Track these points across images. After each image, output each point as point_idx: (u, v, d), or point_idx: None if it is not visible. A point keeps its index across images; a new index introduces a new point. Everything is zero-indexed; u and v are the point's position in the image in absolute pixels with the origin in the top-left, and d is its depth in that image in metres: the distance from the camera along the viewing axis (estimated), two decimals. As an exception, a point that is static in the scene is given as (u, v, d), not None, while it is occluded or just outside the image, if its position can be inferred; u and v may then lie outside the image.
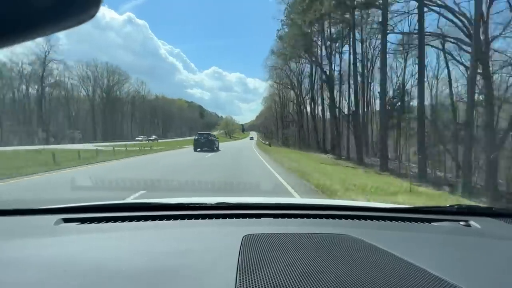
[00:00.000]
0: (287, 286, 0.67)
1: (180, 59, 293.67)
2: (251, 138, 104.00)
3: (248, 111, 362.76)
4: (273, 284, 0.67)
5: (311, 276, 0.71)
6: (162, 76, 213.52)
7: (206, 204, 1.36)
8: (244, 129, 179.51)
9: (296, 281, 0.69)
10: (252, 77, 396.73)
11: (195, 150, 21.48)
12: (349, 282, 0.68)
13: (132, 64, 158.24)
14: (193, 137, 24.64)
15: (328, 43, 30.47)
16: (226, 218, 1.24)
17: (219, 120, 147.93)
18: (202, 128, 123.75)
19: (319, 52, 33.00)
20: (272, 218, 1.26)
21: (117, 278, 0.72)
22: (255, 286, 0.66)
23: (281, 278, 0.70)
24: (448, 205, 1.45)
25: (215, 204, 1.36)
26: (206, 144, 22.05)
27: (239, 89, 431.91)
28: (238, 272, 0.73)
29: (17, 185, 6.60)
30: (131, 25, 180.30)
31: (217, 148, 23.69)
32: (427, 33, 18.08)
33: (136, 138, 50.13)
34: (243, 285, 0.67)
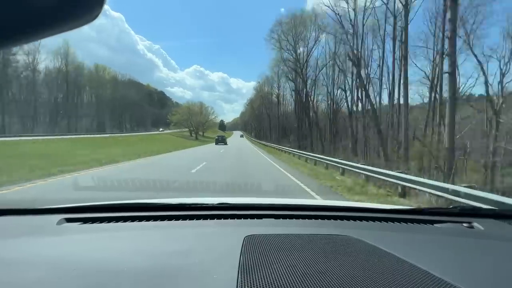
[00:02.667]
0: (288, 287, 0.66)
1: (160, 56, 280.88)
2: (242, 136, 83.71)
3: (231, 112, 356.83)
4: (275, 285, 0.67)
5: (312, 277, 0.71)
6: (140, 73, 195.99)
7: (207, 204, 1.36)
8: (225, 127, 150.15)
9: (298, 282, 0.68)
10: (235, 77, 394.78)
11: (216, 144, 37.24)
12: (350, 284, 0.68)
13: (107, 59, 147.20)
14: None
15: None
16: (227, 218, 1.24)
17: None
18: (153, 122, 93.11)
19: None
20: (273, 219, 1.26)
21: (119, 278, 0.72)
22: (257, 287, 0.66)
23: (283, 279, 0.70)
24: (450, 206, 1.44)
25: (216, 204, 1.36)
26: (221, 142, 38.78)
27: (222, 89, 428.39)
28: (239, 272, 0.73)
29: None
30: (106, 17, 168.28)
31: (226, 143, 39.36)
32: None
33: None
34: (245, 285, 0.67)
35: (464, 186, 5.40)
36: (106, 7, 0.33)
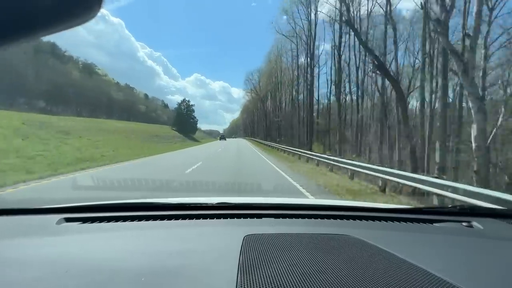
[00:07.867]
0: (288, 286, 0.66)
1: (161, 63, 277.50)
2: (234, 137, 78.03)
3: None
4: (274, 284, 0.67)
5: (312, 276, 0.71)
6: (139, 80, 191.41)
7: (207, 204, 1.36)
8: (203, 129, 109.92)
9: (297, 281, 0.68)
10: (236, 87, 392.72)
11: (219, 140, 59.09)
12: (350, 283, 0.68)
13: (106, 65, 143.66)
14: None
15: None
16: (227, 218, 1.24)
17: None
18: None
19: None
20: (273, 218, 1.26)
21: (119, 278, 0.72)
22: (256, 286, 0.66)
23: (282, 278, 0.70)
24: (450, 206, 1.44)
25: (216, 204, 1.36)
26: (223, 139, 63.64)
27: (223, 98, 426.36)
28: (239, 272, 0.73)
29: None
30: (105, 22, 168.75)
31: (225, 139, 63.01)
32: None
33: None
34: (244, 285, 0.67)
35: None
36: (105, 12, 0.39)
